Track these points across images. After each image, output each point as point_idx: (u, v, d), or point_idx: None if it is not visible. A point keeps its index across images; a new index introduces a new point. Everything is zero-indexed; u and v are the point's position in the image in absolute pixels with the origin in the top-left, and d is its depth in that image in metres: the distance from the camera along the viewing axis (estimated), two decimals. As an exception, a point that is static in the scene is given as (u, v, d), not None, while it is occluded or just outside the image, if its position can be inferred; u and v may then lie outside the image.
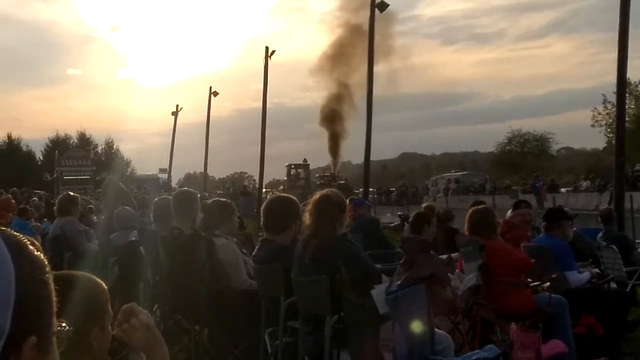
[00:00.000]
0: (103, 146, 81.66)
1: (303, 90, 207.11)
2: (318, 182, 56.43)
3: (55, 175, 56.53)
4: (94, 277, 2.79)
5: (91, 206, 17.53)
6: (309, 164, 67.21)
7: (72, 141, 78.48)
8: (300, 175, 64.95)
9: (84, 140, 78.64)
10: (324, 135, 72.73)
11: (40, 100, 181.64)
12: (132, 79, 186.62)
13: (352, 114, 62.69)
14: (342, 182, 54.69)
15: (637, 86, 64.98)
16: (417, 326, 5.15)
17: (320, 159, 71.72)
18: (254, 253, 6.91)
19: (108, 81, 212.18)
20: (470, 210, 7.79)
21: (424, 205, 15.18)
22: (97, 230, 11.83)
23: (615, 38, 15.90)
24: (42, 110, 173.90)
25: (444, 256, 7.44)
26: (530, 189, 50.25)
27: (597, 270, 8.61)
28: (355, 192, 35.59)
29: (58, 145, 71.85)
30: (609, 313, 7.79)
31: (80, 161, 58.73)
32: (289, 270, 6.05)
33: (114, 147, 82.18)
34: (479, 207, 8.05)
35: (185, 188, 8.79)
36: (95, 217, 15.32)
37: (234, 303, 6.80)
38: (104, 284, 2.78)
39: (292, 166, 66.00)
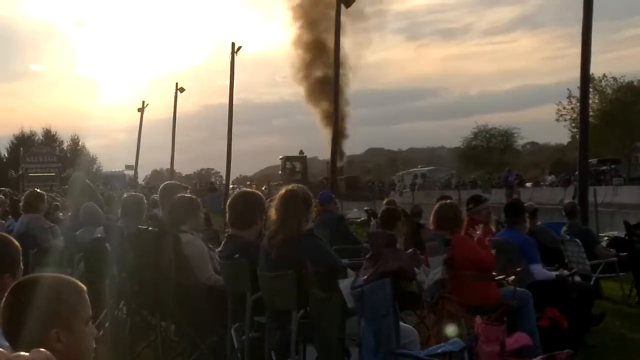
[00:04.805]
0: (69, 143, 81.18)
1: (270, 86, 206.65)
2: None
3: (20, 172, 56.10)
4: (66, 278, 2.68)
5: (57, 203, 17.31)
6: (305, 156, 63.40)
7: (37, 138, 77.85)
8: (296, 169, 60.92)
9: (49, 137, 77.97)
10: (295, 130, 71.44)
11: (4, 96, 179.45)
12: (97, 75, 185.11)
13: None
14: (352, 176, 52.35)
15: (600, 81, 65.50)
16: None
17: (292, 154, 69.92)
18: (219, 249, 6.89)
19: (73, 77, 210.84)
20: (437, 205, 7.83)
21: (385, 200, 14.96)
22: (63, 226, 11.74)
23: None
24: (6, 106, 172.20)
25: (410, 250, 7.47)
26: (502, 183, 50.43)
27: (566, 272, 8.69)
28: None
29: (23, 142, 71.27)
30: (573, 306, 7.87)
31: (45, 158, 58.30)
32: (255, 266, 6.04)
33: (80, 143, 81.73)
34: (447, 201, 8.10)
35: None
36: (61, 214, 15.18)
37: (200, 299, 6.77)
38: (78, 284, 2.65)
39: (287, 159, 62.42)
